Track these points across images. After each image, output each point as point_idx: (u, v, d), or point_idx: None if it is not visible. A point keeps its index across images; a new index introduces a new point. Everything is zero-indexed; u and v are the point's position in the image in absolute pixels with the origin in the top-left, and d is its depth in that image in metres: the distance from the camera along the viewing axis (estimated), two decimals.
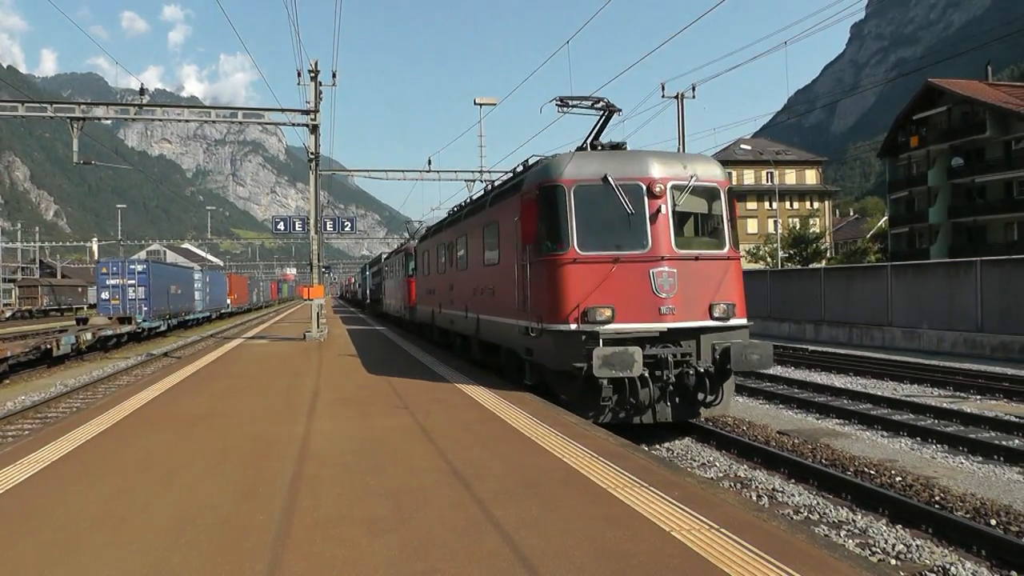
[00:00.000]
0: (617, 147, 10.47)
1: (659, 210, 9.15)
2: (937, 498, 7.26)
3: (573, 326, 8.95)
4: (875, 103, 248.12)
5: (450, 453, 6.62)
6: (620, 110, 10.82)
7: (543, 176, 9.87)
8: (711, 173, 9.76)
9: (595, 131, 10.83)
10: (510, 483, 5.60)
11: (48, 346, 21.09)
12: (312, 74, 22.15)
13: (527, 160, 11.79)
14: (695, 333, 9.19)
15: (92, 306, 54.25)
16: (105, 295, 32.15)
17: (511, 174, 12.74)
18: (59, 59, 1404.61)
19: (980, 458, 9.13)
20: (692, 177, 9.46)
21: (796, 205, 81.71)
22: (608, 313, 8.90)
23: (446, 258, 16.99)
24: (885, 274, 24.83)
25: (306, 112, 22.20)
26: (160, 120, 23.51)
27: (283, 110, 22.72)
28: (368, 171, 34.73)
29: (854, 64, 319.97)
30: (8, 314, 54.55)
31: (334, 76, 23.52)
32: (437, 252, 18.43)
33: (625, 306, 8.95)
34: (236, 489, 5.57)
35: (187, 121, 23.92)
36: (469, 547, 4.26)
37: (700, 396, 9.12)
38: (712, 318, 9.18)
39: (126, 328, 28.98)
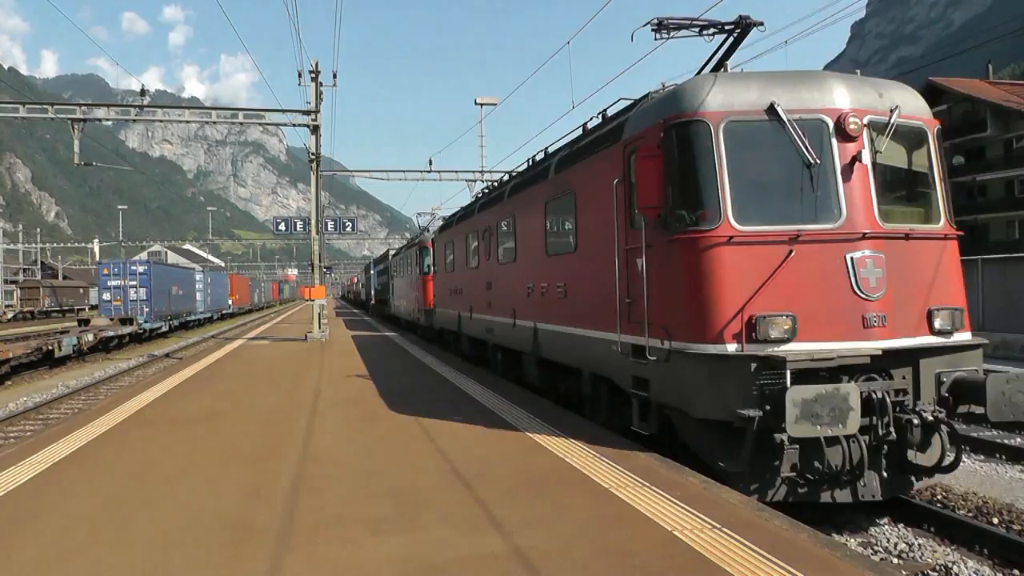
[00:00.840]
0: None
1: (855, 159, 6.02)
2: (939, 497, 7.27)
3: (732, 347, 5.78)
4: None
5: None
6: (761, 23, 7.24)
7: (671, 108, 6.53)
8: (916, 106, 6.64)
9: (725, 49, 7.29)
10: (513, 483, 5.60)
11: (50, 347, 21.13)
12: (313, 75, 22.21)
13: (605, 111, 8.73)
14: (912, 356, 6.01)
15: (94, 307, 54.30)
16: (107, 296, 32.22)
17: (581, 130, 9.56)
18: (60, 60, 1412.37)
19: (982, 457, 9.11)
20: (894, 111, 6.31)
21: None
22: (788, 325, 5.76)
23: (480, 248, 13.93)
24: None
25: (307, 113, 22.23)
26: (161, 121, 23.56)
27: (284, 111, 22.76)
28: (369, 171, 34.86)
29: (854, 63, 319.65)
30: (10, 315, 54.57)
31: (335, 77, 23.65)
32: (466, 242, 15.29)
33: (811, 314, 5.82)
34: (238, 489, 5.58)
35: (188, 122, 23.97)
36: (472, 546, 4.27)
37: (920, 457, 5.99)
38: (932, 332, 6.10)
39: (127, 329, 29.02)
